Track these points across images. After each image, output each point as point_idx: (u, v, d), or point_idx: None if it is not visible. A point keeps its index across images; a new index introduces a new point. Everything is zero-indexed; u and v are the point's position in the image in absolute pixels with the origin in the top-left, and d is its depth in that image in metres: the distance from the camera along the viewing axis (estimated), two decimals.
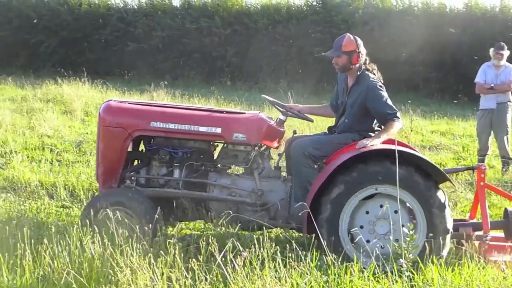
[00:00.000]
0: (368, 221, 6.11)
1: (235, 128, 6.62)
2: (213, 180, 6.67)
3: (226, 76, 23.71)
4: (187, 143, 6.78)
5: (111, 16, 24.59)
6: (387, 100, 6.54)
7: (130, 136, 6.65)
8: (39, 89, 16.82)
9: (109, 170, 6.67)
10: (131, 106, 6.89)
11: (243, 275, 4.94)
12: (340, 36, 6.80)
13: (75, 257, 5.17)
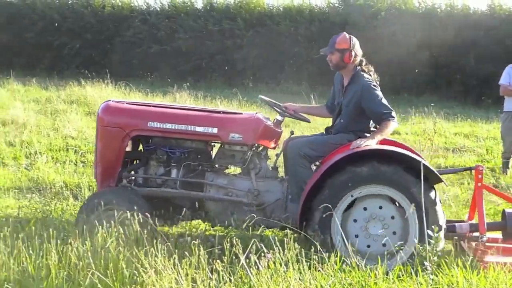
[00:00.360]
0: (360, 227, 6.15)
1: (231, 128, 6.68)
2: (210, 180, 6.72)
3: (248, 78, 23.71)
4: (185, 143, 6.86)
5: (134, 18, 24.68)
6: (382, 100, 6.56)
7: (127, 136, 6.73)
8: (63, 91, 16.93)
9: (107, 170, 6.74)
10: (129, 106, 6.97)
11: (267, 276, 4.95)
12: (337, 34, 6.83)
13: (100, 258, 5.20)
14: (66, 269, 5.13)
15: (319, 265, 5.23)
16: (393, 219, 6.11)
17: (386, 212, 6.14)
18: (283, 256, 5.25)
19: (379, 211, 6.12)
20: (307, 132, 10.96)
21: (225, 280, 5.00)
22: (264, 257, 5.23)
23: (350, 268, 5.37)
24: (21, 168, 9.83)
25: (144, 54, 23.83)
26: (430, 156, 10.14)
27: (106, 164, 6.75)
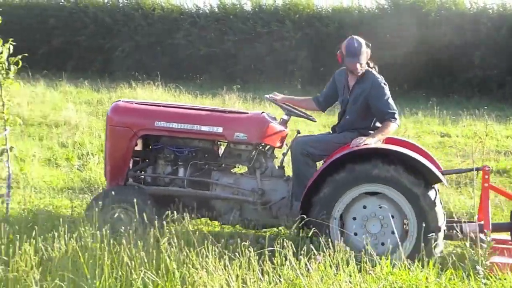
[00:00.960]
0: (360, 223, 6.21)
1: (236, 128, 6.79)
2: (216, 179, 6.85)
3: (296, 80, 23.69)
4: (192, 142, 7.00)
5: (184, 20, 24.84)
6: (389, 99, 6.62)
7: (135, 135, 6.89)
8: (114, 93, 17.17)
9: (116, 168, 6.93)
10: (137, 106, 7.13)
11: (317, 279, 4.95)
12: (353, 42, 6.80)
13: (152, 258, 5.26)
14: (119, 269, 5.19)
15: (369, 267, 5.22)
16: (393, 218, 6.12)
17: (385, 211, 6.15)
18: (333, 259, 5.25)
19: (379, 210, 6.16)
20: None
21: (275, 281, 5.02)
22: (315, 259, 5.24)
23: (400, 271, 5.34)
24: (74, 169, 9.99)
25: (194, 57, 23.98)
26: (482, 159, 9.98)
27: (114, 163, 6.93)
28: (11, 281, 4.89)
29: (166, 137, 6.99)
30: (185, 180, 6.87)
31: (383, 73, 6.94)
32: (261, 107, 15.87)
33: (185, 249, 5.35)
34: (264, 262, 5.25)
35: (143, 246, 5.35)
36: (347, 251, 5.33)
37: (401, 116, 15.17)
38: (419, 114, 15.94)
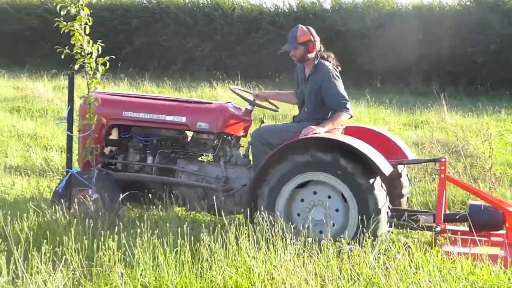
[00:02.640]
0: (304, 208, 6.31)
1: (198, 117, 7.01)
2: (181, 167, 7.07)
3: (376, 78, 23.52)
4: (159, 131, 7.27)
5: (263, 20, 24.99)
6: (340, 89, 6.70)
7: (105, 124, 7.17)
8: (195, 92, 17.41)
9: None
10: (108, 97, 7.37)
11: (396, 278, 4.93)
12: (293, 29, 6.99)
13: (232, 255, 5.32)
14: (199, 265, 5.27)
15: (450, 267, 5.17)
16: (337, 212, 6.23)
17: (332, 203, 6.25)
18: (412, 258, 5.22)
19: (326, 200, 6.26)
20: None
21: (353, 279, 5.02)
22: (395, 258, 5.23)
23: (482, 271, 5.26)
24: None
25: (273, 55, 24.07)
26: None
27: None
28: (95, 276, 5.03)
29: (135, 126, 7.28)
30: (152, 167, 7.12)
31: (466, 71, 6.84)
32: None
33: (264, 246, 5.39)
34: (343, 260, 5.26)
35: (222, 242, 5.42)
36: (427, 250, 5.30)
37: (483, 114, 14.94)
38: (502, 113, 15.60)
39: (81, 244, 5.31)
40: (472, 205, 6.72)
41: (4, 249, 4.90)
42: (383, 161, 6.19)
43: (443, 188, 6.61)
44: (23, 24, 27.14)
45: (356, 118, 14.24)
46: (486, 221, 6.50)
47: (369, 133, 7.15)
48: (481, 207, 6.64)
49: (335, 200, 6.28)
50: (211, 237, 5.50)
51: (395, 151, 7.04)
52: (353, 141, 6.21)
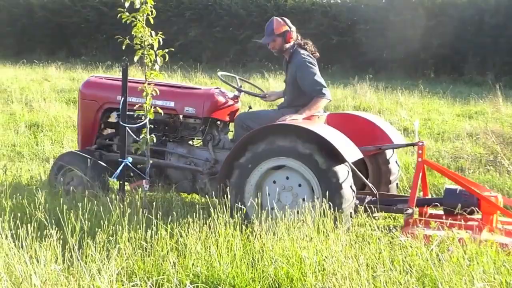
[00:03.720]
0: (275, 190, 6.35)
1: (186, 102, 7.27)
2: (171, 149, 7.35)
3: (430, 69, 23.25)
4: (154, 115, 7.17)
5: (315, 11, 24.94)
6: (315, 76, 6.77)
7: (101, 107, 7.62)
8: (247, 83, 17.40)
9: (86, 136, 7.72)
10: (104, 81, 7.82)
11: (449, 270, 4.88)
12: (268, 22, 7.11)
13: (283, 246, 5.33)
14: (250, 255, 5.30)
15: (505, 259, 5.09)
16: (304, 201, 6.22)
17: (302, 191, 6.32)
18: (465, 250, 5.16)
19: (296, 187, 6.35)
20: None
21: (406, 271, 4.99)
22: (448, 250, 5.17)
23: None
24: None
25: (326, 46, 23.98)
26: None
27: (84, 131, 7.74)
28: (149, 264, 5.10)
29: (128, 110, 7.34)
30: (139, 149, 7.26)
31: None
32: (393, 96, 15.70)
33: (313, 234, 5.39)
34: (394, 252, 5.23)
35: (274, 233, 5.44)
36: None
37: None
38: None
39: (134, 233, 5.38)
40: (448, 189, 6.76)
41: (60, 237, 4.99)
42: (349, 148, 6.27)
43: (419, 172, 6.68)
44: (80, 16, 27.61)
45: (409, 109, 14.14)
46: (461, 206, 6.44)
47: (354, 120, 7.41)
48: (456, 191, 6.65)
49: (305, 189, 6.34)
50: (262, 226, 5.52)
51: (381, 136, 7.20)
52: (320, 129, 6.30)
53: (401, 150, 9.69)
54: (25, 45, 27.97)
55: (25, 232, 5.01)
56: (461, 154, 10.00)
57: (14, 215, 5.51)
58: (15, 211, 5.66)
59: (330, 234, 5.39)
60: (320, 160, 6.15)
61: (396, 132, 7.49)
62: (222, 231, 5.47)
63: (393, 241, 5.48)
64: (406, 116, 13.12)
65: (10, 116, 12.70)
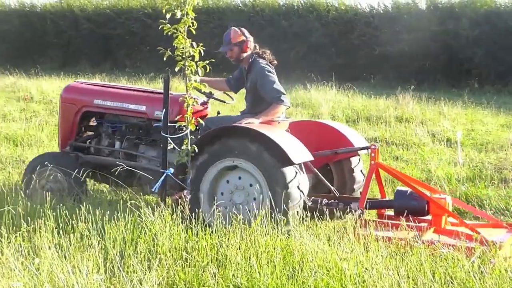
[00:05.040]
0: (228, 190, 6.63)
1: (156, 107, 7.44)
2: (141, 152, 7.62)
3: (473, 79, 22.99)
4: (128, 119, 7.84)
5: (358, 21, 24.86)
6: (274, 84, 7.01)
7: (79, 111, 7.94)
8: (289, 94, 17.44)
9: (65, 139, 8.00)
10: (83, 86, 8.19)
11: (491, 283, 4.83)
12: (226, 31, 7.41)
13: (323, 257, 5.32)
14: (290, 266, 5.30)
15: None
16: (255, 200, 6.42)
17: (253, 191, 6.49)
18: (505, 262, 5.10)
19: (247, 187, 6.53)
20: None
21: (447, 283, 4.95)
22: (490, 262, 5.12)
23: None
24: None
25: (368, 57, 23.91)
26: None
27: (64, 133, 8.04)
28: (189, 275, 5.14)
29: (105, 113, 7.91)
30: (115, 151, 7.74)
31: None
32: (436, 107, 15.57)
33: (354, 246, 5.37)
34: (436, 263, 5.19)
35: (315, 244, 5.43)
36: None
37: None
38: None
39: (175, 244, 5.42)
40: (398, 191, 6.90)
41: (102, 248, 5.06)
42: (297, 150, 6.44)
43: (371, 174, 6.88)
44: (124, 28, 27.95)
45: (452, 119, 14.01)
46: (410, 207, 6.61)
47: (316, 126, 7.75)
48: (406, 193, 6.80)
49: (255, 189, 6.49)
50: (302, 238, 5.52)
51: (342, 142, 7.42)
52: (271, 132, 6.48)
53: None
54: (71, 57, 28.41)
55: (68, 242, 5.09)
56: (505, 165, 9.89)
57: (57, 225, 5.61)
58: (58, 221, 5.75)
59: (371, 245, 5.37)
60: (269, 161, 6.34)
61: (360, 139, 7.70)
62: (262, 242, 5.48)
63: (434, 253, 5.44)
64: (449, 127, 13.00)
65: (55, 127, 12.89)
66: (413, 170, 9.59)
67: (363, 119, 14.06)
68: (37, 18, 30.41)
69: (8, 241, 5.26)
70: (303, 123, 7.99)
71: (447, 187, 8.41)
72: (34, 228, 5.51)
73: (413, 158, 10.63)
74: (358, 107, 15.41)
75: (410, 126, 13.03)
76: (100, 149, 7.89)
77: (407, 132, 12.48)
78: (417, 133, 12.26)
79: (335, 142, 7.44)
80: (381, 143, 11.66)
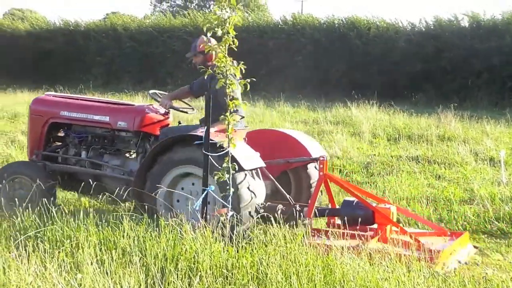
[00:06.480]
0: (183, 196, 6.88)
1: (119, 117, 7.81)
2: (105, 161, 7.91)
3: None
4: (93, 129, 8.10)
5: (399, 38, 24.78)
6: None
7: (47, 122, 8.22)
8: (329, 112, 17.44)
9: (33, 148, 8.29)
10: (50, 99, 8.47)
11: None
12: (194, 40, 7.74)
13: (364, 276, 5.28)
14: (331, 285, 5.26)
15: None
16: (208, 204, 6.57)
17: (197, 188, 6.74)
18: None
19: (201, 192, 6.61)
20: None
21: None
22: None
23: None
24: None
25: (409, 74, 23.78)
26: None
27: (32, 143, 8.32)
28: None
29: (71, 124, 8.18)
30: (81, 160, 8.01)
31: None
32: (479, 126, 15.40)
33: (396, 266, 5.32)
34: (479, 285, 5.13)
35: (356, 262, 5.40)
36: None
37: None
38: None
39: (215, 261, 5.42)
40: (345, 201, 7.12)
41: (143, 264, 5.09)
42: (248, 158, 6.67)
43: (320, 184, 7.14)
44: (166, 47, 28.25)
45: (495, 138, 13.84)
46: (356, 216, 6.76)
47: (272, 134, 7.95)
48: (352, 203, 7.02)
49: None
50: (343, 257, 5.48)
51: (298, 150, 7.61)
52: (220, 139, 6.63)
53: None
54: (113, 75, 28.80)
55: (109, 258, 5.13)
56: None
57: (99, 241, 5.66)
58: (100, 237, 5.80)
59: (412, 265, 5.32)
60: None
61: (317, 147, 7.84)
62: (302, 260, 5.46)
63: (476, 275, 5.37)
64: (492, 146, 12.84)
65: None
66: (455, 189, 9.47)
67: (405, 137, 13.96)
68: (81, 36, 30.98)
69: (51, 257, 5.32)
70: (260, 132, 8.24)
71: (490, 206, 8.29)
72: (77, 244, 5.58)
73: (455, 177, 10.51)
74: (399, 125, 15.32)
75: (452, 145, 12.89)
76: (67, 158, 8.17)
77: (449, 151, 12.35)
78: (459, 152, 12.12)
79: (291, 151, 7.66)
80: (423, 162, 11.56)
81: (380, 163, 11.39)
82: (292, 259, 5.48)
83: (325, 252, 5.77)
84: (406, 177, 10.28)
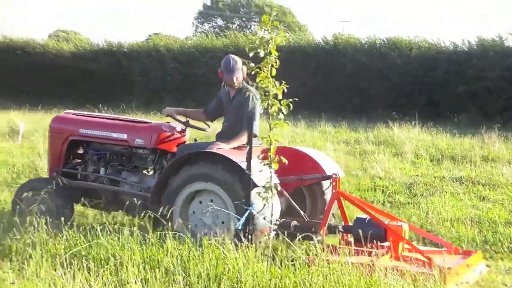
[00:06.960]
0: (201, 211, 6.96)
1: (136, 135, 7.97)
2: (123, 178, 8.02)
3: None
4: (112, 147, 8.27)
5: (441, 58, 24.62)
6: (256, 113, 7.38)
7: (66, 139, 8.41)
8: (371, 132, 17.38)
9: (54, 165, 8.47)
10: (70, 117, 8.69)
11: None
12: (229, 59, 7.92)
13: None
14: None
15: None
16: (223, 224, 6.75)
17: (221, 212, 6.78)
18: None
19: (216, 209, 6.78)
20: None
21: None
22: None
23: None
24: None
25: (452, 95, 23.59)
26: None
27: (52, 161, 8.51)
28: None
29: (90, 142, 8.36)
30: (100, 177, 8.15)
31: None
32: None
33: None
34: None
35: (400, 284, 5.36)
36: None
37: None
38: None
39: (258, 281, 5.43)
40: (357, 218, 7.18)
41: (186, 283, 5.11)
42: (261, 175, 6.66)
43: (332, 202, 7.22)
44: (207, 67, 28.46)
45: None
46: (369, 234, 6.75)
47: (290, 152, 7.70)
48: (365, 220, 7.06)
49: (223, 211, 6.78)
50: (386, 277, 5.45)
51: (313, 168, 7.67)
52: (236, 157, 6.81)
53: None
54: (154, 95, 29.07)
55: (153, 277, 5.17)
56: None
57: (143, 260, 5.70)
58: (144, 256, 5.85)
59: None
60: (236, 185, 6.70)
61: (331, 165, 7.87)
62: (346, 281, 5.45)
63: None
64: None
65: None
66: (500, 211, 9.35)
67: (448, 158, 13.83)
68: (124, 57, 31.35)
69: (96, 275, 5.38)
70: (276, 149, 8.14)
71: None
72: (121, 262, 5.63)
73: (500, 198, 10.37)
74: (442, 145, 15.20)
75: (497, 166, 12.73)
76: (86, 175, 8.32)
77: (493, 172, 12.20)
78: (503, 173, 11.97)
79: (306, 168, 7.70)
80: (467, 183, 11.43)
81: (423, 183, 11.29)
82: (335, 280, 5.46)
83: (368, 272, 5.73)
84: (449, 198, 10.17)
